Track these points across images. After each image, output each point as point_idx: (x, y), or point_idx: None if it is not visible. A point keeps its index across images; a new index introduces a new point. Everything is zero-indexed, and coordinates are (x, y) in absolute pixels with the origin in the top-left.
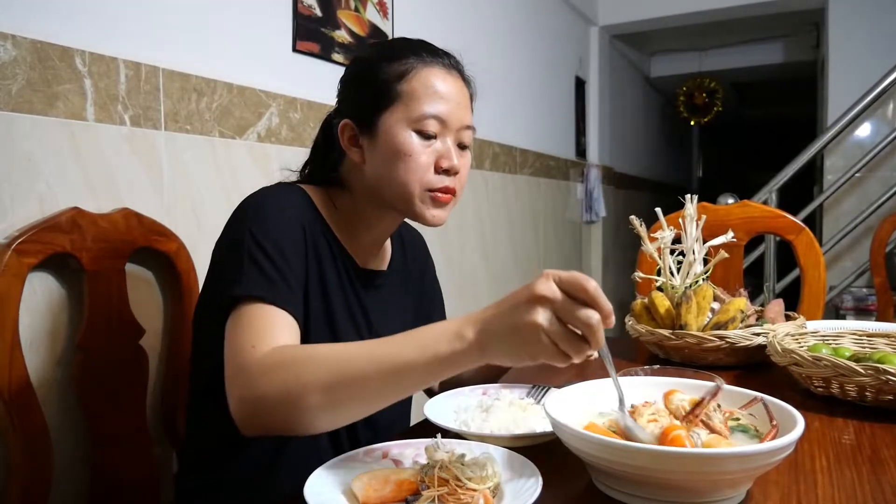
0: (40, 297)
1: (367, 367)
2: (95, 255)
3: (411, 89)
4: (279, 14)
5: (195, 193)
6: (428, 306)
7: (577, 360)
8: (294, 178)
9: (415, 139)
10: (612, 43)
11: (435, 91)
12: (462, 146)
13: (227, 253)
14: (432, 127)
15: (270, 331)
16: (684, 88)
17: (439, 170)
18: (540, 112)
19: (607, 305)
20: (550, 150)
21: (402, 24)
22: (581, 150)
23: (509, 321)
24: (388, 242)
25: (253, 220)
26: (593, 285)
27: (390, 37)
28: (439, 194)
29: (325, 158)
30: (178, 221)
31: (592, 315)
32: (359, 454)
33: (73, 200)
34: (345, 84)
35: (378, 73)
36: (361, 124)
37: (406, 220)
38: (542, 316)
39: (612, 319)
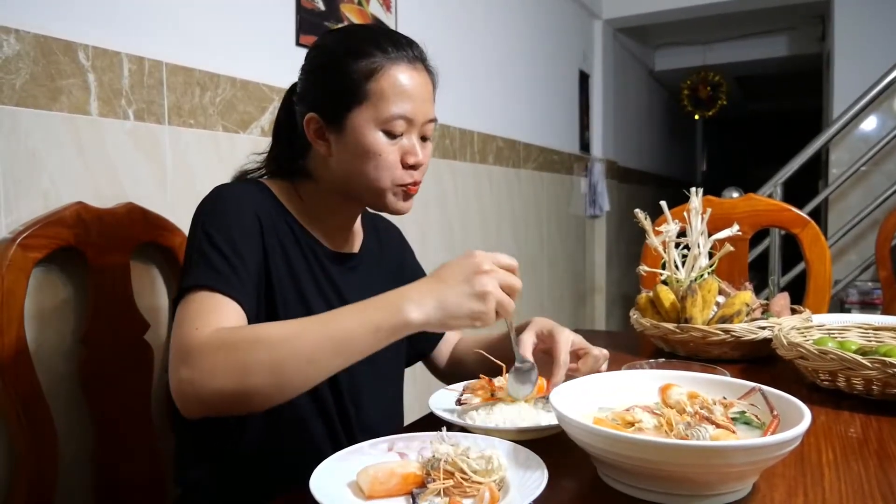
0: (45, 291)
1: (312, 343)
2: (100, 249)
3: (379, 89)
4: (282, 8)
5: (199, 188)
6: None
7: (501, 319)
8: (260, 163)
9: (382, 139)
10: (616, 37)
11: (402, 91)
12: (424, 138)
13: (186, 252)
14: (399, 127)
15: (215, 314)
16: (688, 82)
17: (405, 165)
18: (544, 106)
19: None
20: (554, 145)
21: (406, 18)
22: (585, 145)
23: (464, 290)
24: (360, 227)
25: (207, 216)
26: (515, 261)
27: None
28: (409, 187)
29: (290, 144)
30: (181, 216)
31: (519, 281)
32: (364, 447)
33: (77, 195)
34: (308, 74)
35: (345, 70)
36: (328, 119)
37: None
38: (491, 285)
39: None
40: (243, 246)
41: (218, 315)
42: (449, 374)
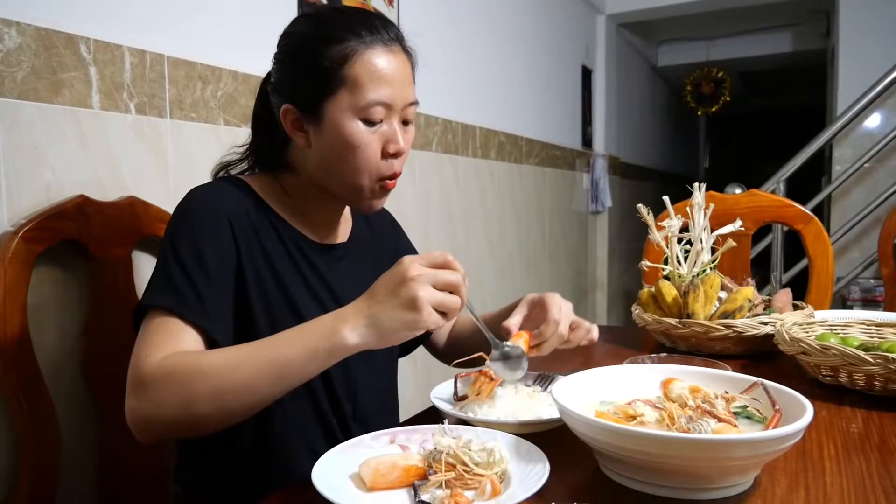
0: (47, 284)
1: (252, 371)
2: (102, 242)
3: (355, 75)
4: (284, 2)
5: (200, 181)
6: None
7: (452, 317)
8: (241, 156)
9: (361, 128)
10: (619, 31)
11: (379, 75)
12: (406, 122)
13: (158, 259)
14: (378, 114)
15: (167, 342)
16: (692, 78)
17: (386, 155)
18: (546, 101)
19: (462, 268)
20: (556, 140)
21: (408, 13)
22: (587, 140)
23: (393, 303)
24: (349, 215)
25: (175, 226)
26: (449, 256)
27: None
28: (388, 181)
29: (270, 137)
30: None
31: (456, 275)
32: (366, 440)
33: (79, 188)
34: (281, 63)
35: (318, 58)
36: (304, 110)
37: None
38: (420, 289)
39: (466, 279)
40: (211, 260)
41: (172, 342)
42: (448, 353)
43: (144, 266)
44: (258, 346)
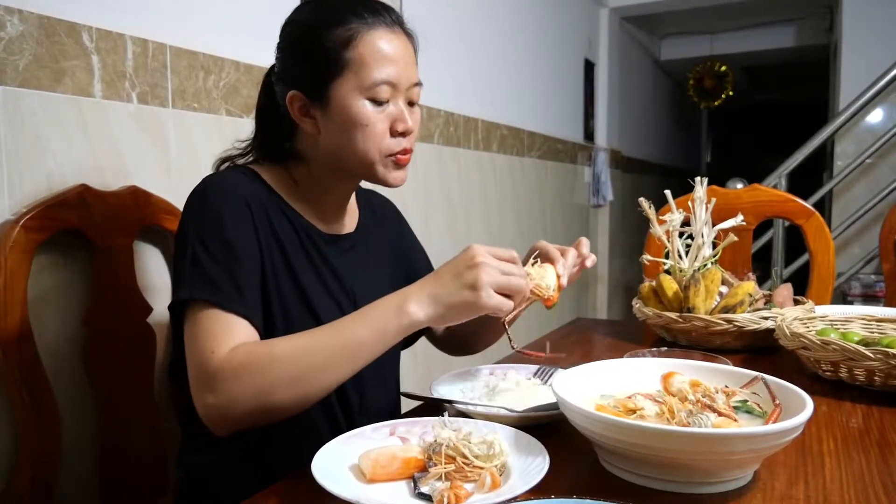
0: (48, 273)
1: (327, 355)
2: (103, 232)
3: (359, 56)
4: None
5: (203, 171)
6: (409, 258)
7: (516, 301)
8: (243, 150)
9: (368, 107)
10: (622, 25)
11: (383, 55)
12: (411, 103)
13: (176, 252)
14: (384, 94)
15: (225, 334)
16: (694, 72)
17: (395, 133)
18: (548, 94)
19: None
20: (558, 133)
21: (410, 4)
22: (589, 134)
23: (456, 284)
24: (355, 206)
25: (197, 215)
26: (514, 252)
27: None
28: (399, 156)
29: (276, 127)
30: (185, 199)
31: (517, 280)
32: (366, 431)
33: (80, 177)
34: (285, 51)
35: (321, 41)
36: (311, 95)
37: (372, 188)
38: (483, 273)
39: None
40: (239, 246)
41: (228, 334)
42: (446, 340)
43: (146, 256)
44: (328, 331)
